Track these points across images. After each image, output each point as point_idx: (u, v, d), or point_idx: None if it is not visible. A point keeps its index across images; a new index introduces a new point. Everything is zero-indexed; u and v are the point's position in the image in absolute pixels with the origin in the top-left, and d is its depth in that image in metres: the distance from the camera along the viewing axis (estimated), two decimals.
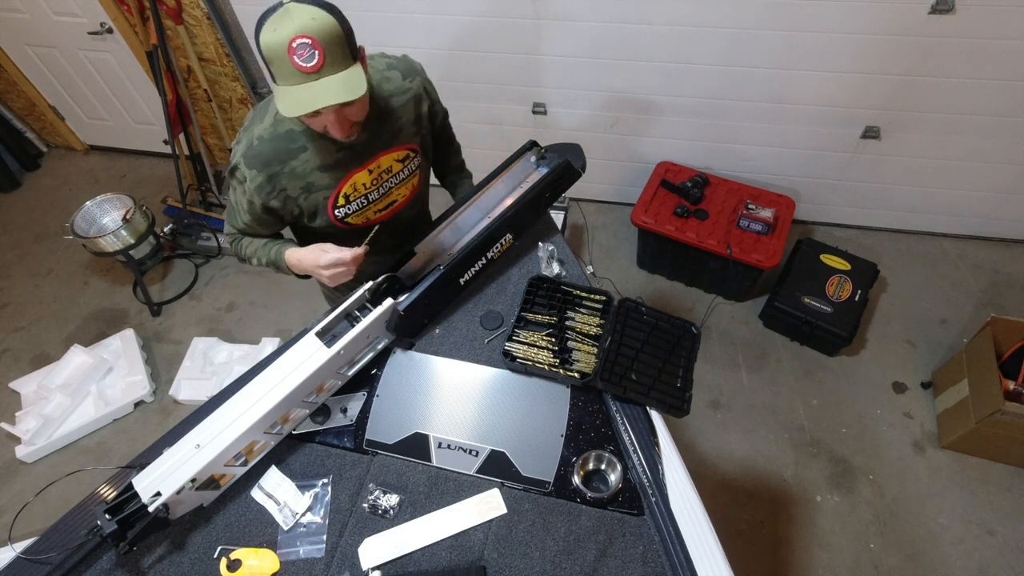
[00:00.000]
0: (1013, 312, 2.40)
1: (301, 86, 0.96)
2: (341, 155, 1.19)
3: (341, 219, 1.28)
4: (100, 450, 2.38)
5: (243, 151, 1.15)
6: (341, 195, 1.24)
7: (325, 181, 1.20)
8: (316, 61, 0.94)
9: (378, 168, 1.26)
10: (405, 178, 1.33)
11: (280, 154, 1.15)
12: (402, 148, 1.28)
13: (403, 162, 1.30)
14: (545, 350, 1.29)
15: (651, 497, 1.10)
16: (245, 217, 1.26)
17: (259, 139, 1.14)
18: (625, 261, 2.88)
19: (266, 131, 1.14)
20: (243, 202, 1.22)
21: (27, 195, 3.49)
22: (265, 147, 1.14)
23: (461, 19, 2.43)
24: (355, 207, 1.28)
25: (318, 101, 0.96)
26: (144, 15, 2.69)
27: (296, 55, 0.93)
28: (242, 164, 1.15)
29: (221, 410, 1.09)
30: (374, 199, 1.30)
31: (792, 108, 2.45)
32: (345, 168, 1.21)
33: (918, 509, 2.04)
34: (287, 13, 0.93)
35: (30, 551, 1.06)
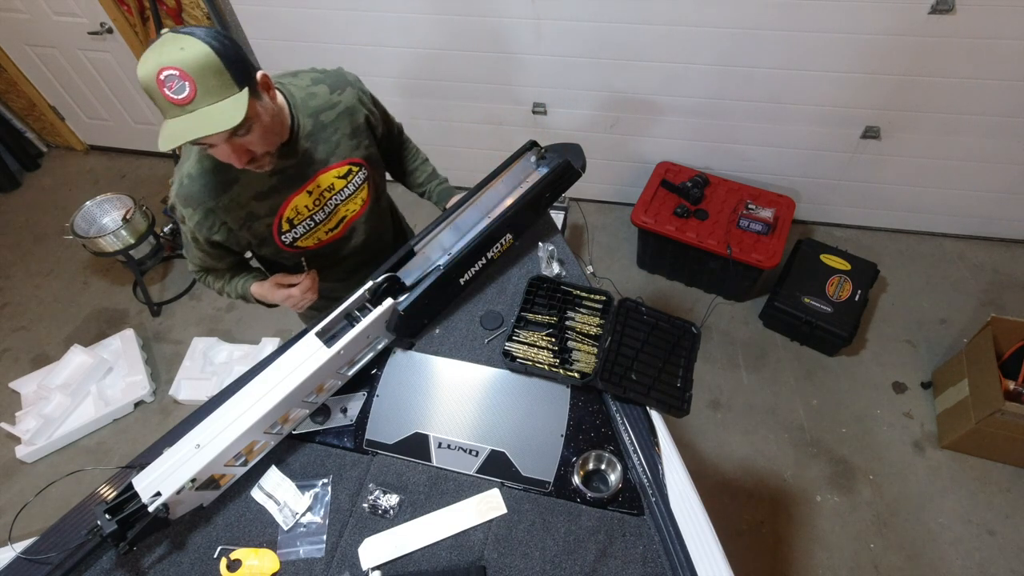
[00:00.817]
0: (1013, 312, 2.40)
1: (176, 119, 0.91)
2: (274, 181, 1.16)
3: (290, 244, 1.26)
4: (100, 450, 2.38)
5: (175, 191, 1.15)
6: (284, 220, 1.21)
7: (263, 209, 1.18)
8: (187, 93, 0.90)
9: (318, 188, 1.23)
10: (351, 193, 1.30)
11: (211, 189, 1.13)
12: (342, 164, 1.24)
13: (345, 178, 1.26)
14: (545, 350, 1.29)
15: (651, 497, 1.10)
16: (196, 253, 1.27)
17: (188, 177, 1.12)
18: (625, 261, 2.88)
19: (193, 168, 1.12)
20: (190, 240, 1.24)
21: (27, 195, 3.49)
22: (195, 184, 1.12)
23: (461, 19, 2.43)
24: (302, 230, 1.25)
25: (188, 133, 0.91)
26: (144, 15, 2.69)
27: (166, 87, 0.89)
28: (178, 204, 1.15)
29: (221, 410, 1.09)
30: (321, 220, 1.27)
31: (792, 108, 2.45)
32: (281, 194, 1.18)
33: (918, 509, 2.04)
34: (160, 44, 0.90)
35: (30, 551, 1.06)
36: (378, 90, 1.36)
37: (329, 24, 2.55)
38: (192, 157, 1.13)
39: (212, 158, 1.10)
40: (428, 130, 2.97)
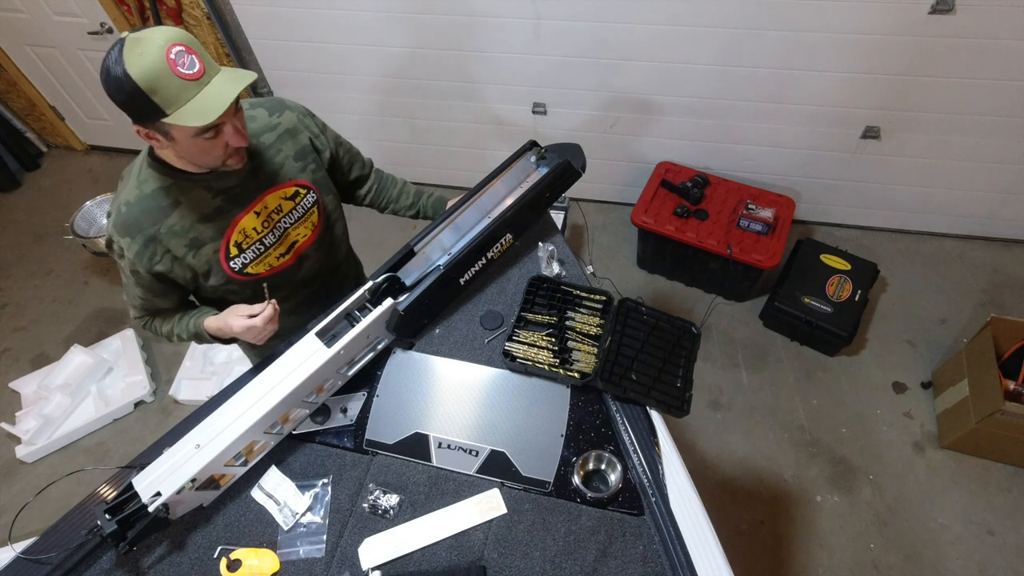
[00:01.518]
0: (1013, 312, 2.41)
1: (196, 98, 0.90)
2: (219, 201, 1.13)
3: (239, 271, 1.20)
4: (100, 450, 2.38)
5: (112, 222, 1.10)
6: (232, 244, 1.16)
7: (210, 232, 1.13)
8: (199, 66, 0.90)
9: (265, 209, 1.19)
10: (300, 217, 1.26)
11: (151, 214, 1.08)
12: (288, 185, 1.22)
13: (293, 199, 1.23)
14: (545, 350, 1.29)
15: (651, 497, 1.10)
16: (138, 292, 1.19)
17: (126, 204, 1.08)
18: (625, 261, 2.88)
19: (131, 195, 1.08)
20: (129, 276, 1.16)
21: (27, 195, 3.49)
22: (133, 211, 1.07)
23: (461, 19, 2.43)
24: (252, 255, 1.20)
25: (226, 95, 0.91)
26: (144, 15, 2.69)
27: (178, 65, 0.87)
28: (115, 235, 1.09)
29: (221, 410, 1.09)
30: (271, 243, 1.22)
31: (792, 108, 2.45)
32: (227, 214, 1.14)
33: (918, 509, 2.04)
34: (140, 40, 0.87)
35: (30, 551, 1.06)
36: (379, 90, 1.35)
37: (329, 24, 2.55)
38: (130, 184, 1.09)
39: (151, 183, 1.08)
40: (428, 130, 2.97)
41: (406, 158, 3.15)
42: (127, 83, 0.87)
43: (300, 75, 2.81)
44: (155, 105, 0.89)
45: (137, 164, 1.12)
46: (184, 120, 0.91)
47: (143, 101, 0.89)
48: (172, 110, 0.90)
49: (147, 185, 1.09)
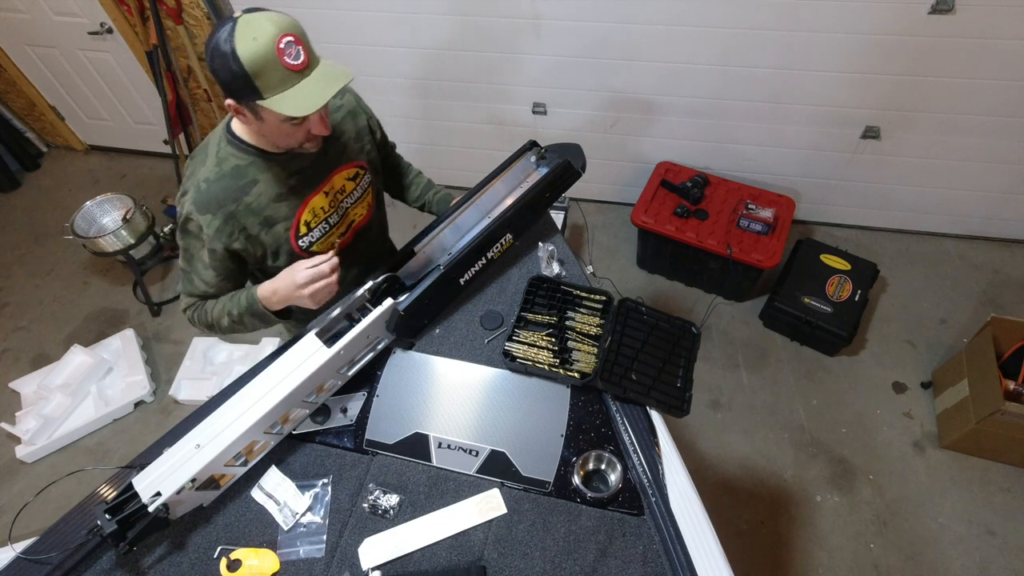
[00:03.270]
0: (1013, 312, 2.40)
1: (296, 87, 0.94)
2: (293, 181, 1.16)
3: (306, 249, 1.24)
4: (100, 450, 2.38)
5: (192, 199, 1.10)
6: (302, 223, 1.20)
7: (283, 212, 1.17)
8: (303, 57, 0.93)
9: (332, 189, 1.24)
10: (359, 197, 1.31)
11: (232, 192, 1.10)
12: (351, 166, 1.27)
13: (354, 180, 1.29)
14: (545, 350, 1.29)
15: (651, 497, 1.10)
16: (207, 275, 1.18)
17: (205, 182, 1.09)
18: (625, 261, 2.88)
19: (211, 172, 1.10)
20: (203, 256, 1.15)
21: (27, 195, 3.49)
22: (214, 188, 1.09)
23: (462, 19, 2.43)
24: (318, 233, 1.25)
25: (324, 93, 0.95)
26: (144, 15, 2.69)
27: (286, 55, 0.91)
28: (194, 213, 1.10)
29: (221, 410, 1.09)
30: (335, 222, 1.27)
31: (792, 108, 2.45)
32: (300, 194, 1.18)
33: (918, 509, 2.04)
34: (253, 23, 0.90)
35: (30, 551, 1.06)
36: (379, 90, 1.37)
37: (330, 24, 2.55)
38: (208, 162, 1.11)
39: (230, 160, 1.10)
40: (429, 130, 2.97)
41: (405, 158, 3.15)
42: (234, 63, 0.90)
43: None
44: (255, 88, 0.93)
45: (214, 141, 1.13)
46: (279, 108, 0.94)
47: (245, 82, 0.92)
48: (269, 95, 0.94)
49: (226, 163, 1.11)
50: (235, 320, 1.21)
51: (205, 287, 1.20)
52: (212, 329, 1.24)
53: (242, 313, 1.20)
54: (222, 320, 1.22)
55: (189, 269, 1.19)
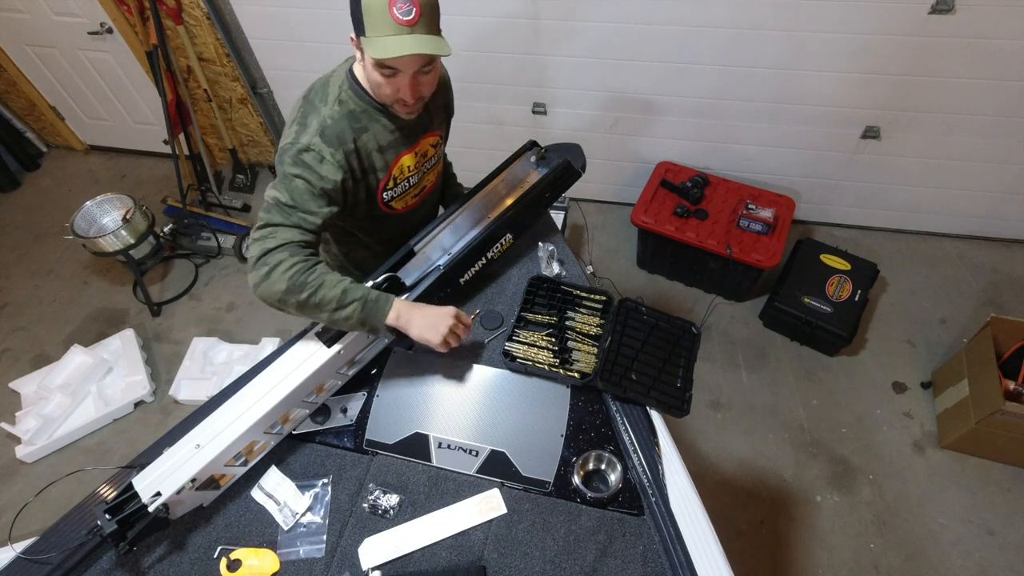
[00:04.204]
0: (1013, 312, 2.40)
1: (393, 37, 0.99)
2: (395, 136, 1.21)
3: (387, 202, 1.29)
4: (100, 450, 2.38)
5: (317, 130, 1.11)
6: (392, 178, 1.25)
7: (380, 163, 1.22)
8: (413, 15, 0.98)
9: (420, 151, 1.29)
10: (434, 164, 1.37)
11: (351, 132, 1.15)
12: (434, 134, 1.32)
13: (435, 147, 1.34)
14: (545, 350, 1.29)
15: (651, 497, 1.10)
16: (321, 205, 1.09)
17: (331, 119, 1.13)
18: (625, 261, 2.88)
19: (334, 111, 1.14)
20: (314, 187, 1.08)
21: (27, 195, 3.49)
22: (339, 125, 1.13)
23: (461, 19, 2.43)
24: (399, 190, 1.30)
25: (410, 47, 0.99)
26: (144, 15, 2.69)
27: (395, 7, 0.97)
28: (319, 144, 1.10)
29: (221, 410, 1.09)
30: (414, 183, 1.32)
31: (792, 108, 2.44)
32: (396, 150, 1.23)
33: (918, 509, 2.04)
34: None
35: (30, 551, 1.06)
36: None
37: (329, 24, 2.55)
38: (330, 102, 1.15)
39: (349, 103, 1.15)
40: None
41: None
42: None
43: (300, 75, 2.81)
44: (363, 24, 1.00)
45: (335, 83, 1.17)
46: (368, 47, 1.01)
47: (359, 14, 1.00)
48: (369, 34, 1.00)
49: (346, 105, 1.15)
50: (341, 303, 1.06)
51: (317, 221, 1.10)
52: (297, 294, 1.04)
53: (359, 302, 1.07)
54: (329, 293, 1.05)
55: (289, 203, 1.07)
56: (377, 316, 1.09)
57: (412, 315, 1.13)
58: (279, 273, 1.04)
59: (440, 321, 1.13)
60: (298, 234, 1.07)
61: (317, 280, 1.05)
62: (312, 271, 1.06)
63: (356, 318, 1.08)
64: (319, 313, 1.07)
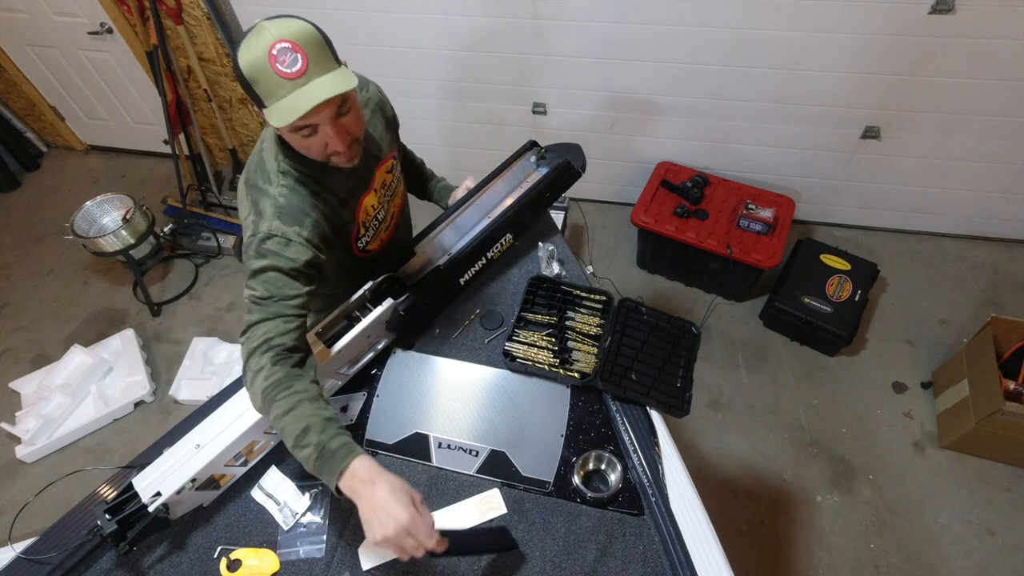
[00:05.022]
0: (1013, 312, 2.40)
1: (289, 96, 0.89)
2: (351, 184, 1.14)
3: (363, 248, 1.24)
4: (100, 450, 2.38)
5: (273, 214, 1.02)
6: (360, 225, 1.20)
7: (347, 215, 1.15)
8: (300, 65, 0.88)
9: (379, 186, 1.22)
10: (395, 188, 1.30)
11: (308, 200, 1.06)
12: (388, 160, 1.25)
13: (391, 172, 1.27)
14: (545, 350, 1.29)
15: (651, 497, 1.10)
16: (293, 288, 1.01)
17: (281, 196, 1.04)
18: (625, 261, 2.88)
19: (281, 190, 1.05)
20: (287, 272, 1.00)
21: (27, 195, 3.49)
22: (292, 200, 1.04)
23: (461, 19, 2.43)
24: (371, 232, 1.25)
25: (311, 99, 0.88)
26: (144, 15, 2.69)
27: (278, 62, 0.87)
28: (279, 227, 1.01)
29: (221, 410, 1.09)
30: (382, 218, 1.27)
31: (792, 108, 2.45)
32: (356, 196, 1.16)
33: (918, 509, 2.04)
34: (261, 30, 0.89)
35: (30, 551, 1.06)
36: None
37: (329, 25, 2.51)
38: (273, 178, 1.05)
39: (291, 174, 1.05)
40: (428, 130, 2.97)
41: None
42: (238, 69, 0.92)
43: None
44: (256, 94, 0.92)
45: (269, 157, 1.07)
46: (270, 117, 0.92)
47: (249, 89, 0.93)
48: (269, 103, 0.92)
49: (290, 175, 1.06)
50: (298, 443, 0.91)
51: (294, 303, 1.01)
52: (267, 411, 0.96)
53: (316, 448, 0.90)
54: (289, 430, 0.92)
55: (265, 298, 0.99)
56: (330, 472, 0.88)
57: (363, 492, 0.87)
58: (259, 382, 0.95)
59: (389, 520, 0.84)
60: (280, 324, 0.98)
61: (285, 404, 0.93)
62: (287, 389, 0.94)
63: (312, 464, 0.90)
64: (281, 437, 0.94)
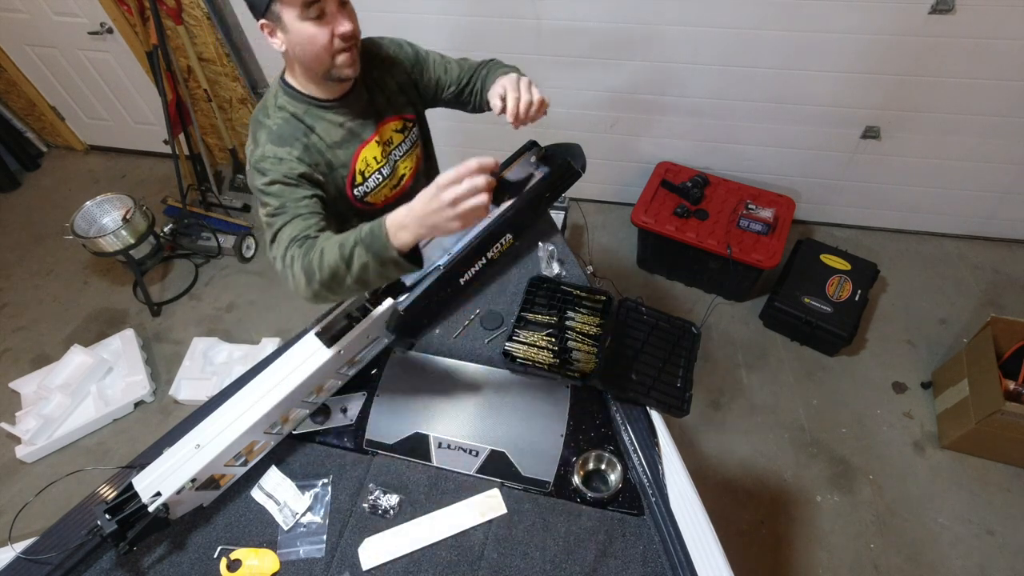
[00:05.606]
0: (1013, 312, 2.40)
1: None
2: (345, 130, 1.19)
3: (360, 199, 1.26)
4: (100, 450, 2.38)
5: (266, 140, 1.11)
6: (357, 173, 1.23)
7: (340, 159, 1.20)
8: None
9: (382, 140, 1.26)
10: (407, 150, 1.33)
11: (300, 130, 1.15)
12: (397, 118, 1.29)
13: (403, 132, 1.31)
14: (545, 350, 1.29)
15: (651, 497, 1.10)
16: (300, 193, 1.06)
17: (275, 125, 1.14)
18: (625, 261, 2.88)
19: (275, 120, 1.14)
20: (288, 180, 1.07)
21: (27, 195, 3.49)
22: (284, 128, 1.13)
23: (461, 19, 2.43)
24: (372, 184, 1.27)
25: None
26: (144, 15, 2.69)
27: None
28: (272, 148, 1.10)
29: (221, 410, 1.09)
30: (387, 174, 1.29)
31: (792, 108, 2.44)
32: (351, 144, 1.21)
33: (918, 509, 2.04)
34: None
35: (30, 551, 1.06)
36: None
37: None
38: (271, 114, 1.15)
39: (288, 109, 1.14)
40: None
41: None
42: None
43: None
44: None
45: (271, 94, 1.18)
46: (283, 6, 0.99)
47: None
48: None
49: (285, 110, 1.15)
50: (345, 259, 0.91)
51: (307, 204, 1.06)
52: (314, 278, 0.95)
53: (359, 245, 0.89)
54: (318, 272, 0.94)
55: (279, 208, 1.04)
56: (384, 248, 0.87)
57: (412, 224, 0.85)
58: (297, 268, 0.97)
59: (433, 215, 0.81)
60: (300, 223, 1.03)
61: (316, 254, 0.94)
62: (311, 249, 0.96)
63: (371, 264, 0.89)
64: (343, 284, 0.93)
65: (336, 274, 0.93)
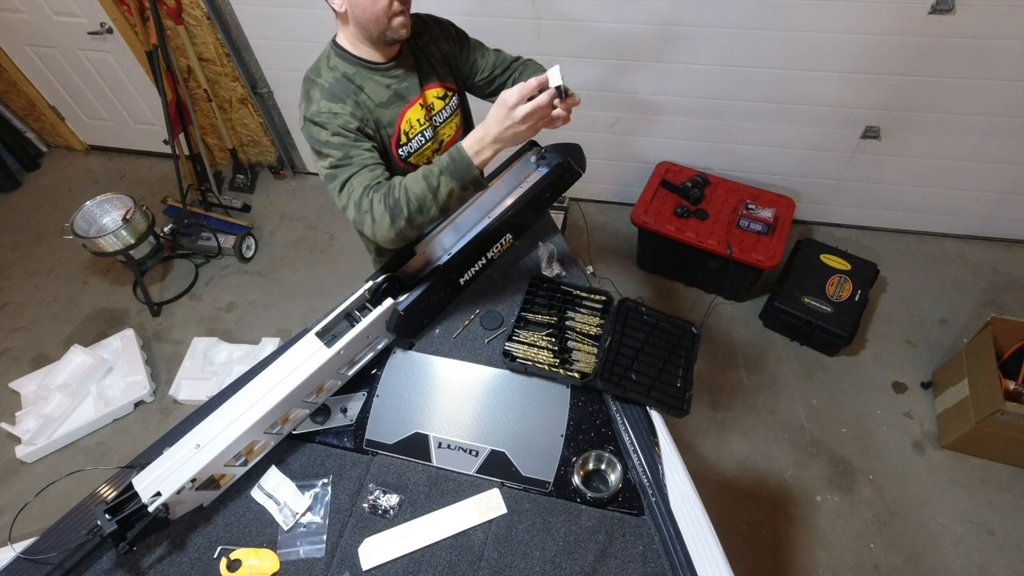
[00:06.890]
0: (1013, 312, 2.40)
1: None
2: (390, 92, 1.26)
3: (404, 158, 1.31)
4: (100, 450, 2.38)
5: (319, 96, 1.18)
6: (402, 132, 1.29)
7: (386, 118, 1.26)
8: None
9: (426, 103, 1.32)
10: (448, 116, 1.38)
11: (350, 89, 1.21)
12: (439, 85, 1.35)
13: (443, 99, 1.36)
14: (545, 350, 1.29)
15: (651, 497, 1.10)
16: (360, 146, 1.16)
17: (327, 82, 1.20)
18: (625, 261, 2.88)
19: (327, 78, 1.21)
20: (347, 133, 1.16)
21: (27, 195, 3.49)
22: (336, 85, 1.20)
23: (461, 20, 2.42)
24: (416, 144, 1.32)
25: None
26: (144, 15, 2.69)
27: None
28: (326, 104, 1.17)
29: (221, 410, 1.09)
30: (429, 137, 1.34)
31: (792, 108, 2.45)
32: (397, 105, 1.27)
33: (918, 509, 2.04)
34: None
35: (30, 551, 1.06)
36: None
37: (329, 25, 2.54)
38: (323, 74, 1.22)
39: (339, 70, 1.22)
40: None
41: None
42: None
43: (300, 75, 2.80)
44: None
45: (323, 56, 1.26)
46: None
47: None
48: None
49: (337, 70, 1.23)
50: (433, 188, 1.06)
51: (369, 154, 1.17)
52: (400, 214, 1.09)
53: (443, 172, 1.06)
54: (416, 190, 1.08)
55: (343, 159, 1.15)
56: (467, 169, 1.05)
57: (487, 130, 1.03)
58: (378, 213, 1.10)
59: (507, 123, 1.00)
60: (367, 173, 1.14)
61: (400, 191, 1.09)
62: (392, 189, 1.10)
63: (455, 189, 1.07)
64: (427, 215, 1.10)
65: (423, 205, 1.08)
